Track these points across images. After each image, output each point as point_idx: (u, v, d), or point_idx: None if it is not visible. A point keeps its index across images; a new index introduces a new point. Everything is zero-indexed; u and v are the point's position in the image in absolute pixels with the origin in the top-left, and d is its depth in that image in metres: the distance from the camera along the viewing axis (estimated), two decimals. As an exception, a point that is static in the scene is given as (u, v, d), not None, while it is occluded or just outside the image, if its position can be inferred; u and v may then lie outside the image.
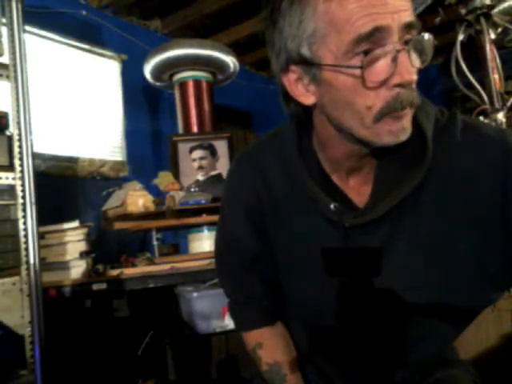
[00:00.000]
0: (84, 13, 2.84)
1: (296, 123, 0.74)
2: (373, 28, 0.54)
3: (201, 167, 2.55)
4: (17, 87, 1.50)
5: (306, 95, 0.64)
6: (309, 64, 0.60)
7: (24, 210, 1.48)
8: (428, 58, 0.58)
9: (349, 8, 0.55)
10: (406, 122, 0.61)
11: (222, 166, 2.56)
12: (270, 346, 0.85)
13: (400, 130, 0.60)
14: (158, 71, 2.72)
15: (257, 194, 0.77)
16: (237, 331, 0.90)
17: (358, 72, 0.56)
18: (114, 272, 1.85)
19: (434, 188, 0.64)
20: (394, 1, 0.55)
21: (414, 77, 0.57)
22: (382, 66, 0.56)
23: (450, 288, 0.67)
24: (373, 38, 0.55)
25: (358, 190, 0.70)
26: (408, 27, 0.56)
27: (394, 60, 0.56)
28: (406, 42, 0.56)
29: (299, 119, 0.73)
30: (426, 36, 0.58)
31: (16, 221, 1.48)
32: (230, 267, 0.87)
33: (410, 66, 0.56)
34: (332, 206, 0.67)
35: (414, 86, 0.59)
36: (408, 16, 0.56)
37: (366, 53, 0.56)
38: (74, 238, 1.84)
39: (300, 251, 0.75)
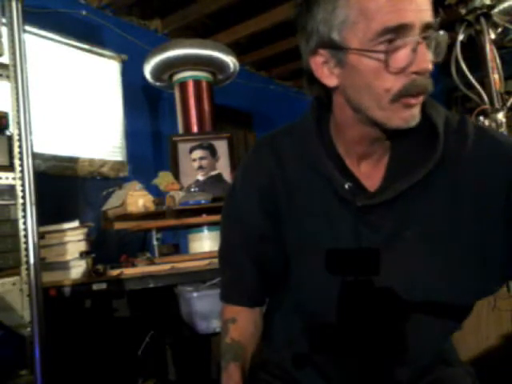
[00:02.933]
0: (84, 13, 2.84)
1: (316, 110, 0.79)
2: (398, 23, 0.62)
3: (201, 167, 2.55)
4: (17, 87, 1.50)
5: (330, 77, 0.71)
6: (337, 48, 0.67)
7: (24, 210, 1.48)
8: (442, 53, 0.67)
9: (379, 1, 0.62)
10: (416, 110, 0.68)
11: (222, 166, 2.56)
12: (242, 325, 0.85)
13: (410, 116, 0.67)
14: (158, 71, 2.72)
15: (270, 173, 0.80)
16: (220, 299, 0.91)
17: (382, 57, 0.64)
18: (114, 272, 1.85)
19: (445, 178, 0.70)
20: (418, 0, 0.63)
21: (430, 66, 0.65)
22: (403, 54, 0.64)
23: (453, 276, 0.71)
24: (397, 31, 0.63)
25: (369, 175, 0.75)
26: (428, 26, 0.64)
27: (414, 50, 0.64)
28: (425, 38, 0.64)
29: (319, 106, 0.79)
30: (442, 33, 0.66)
31: (16, 221, 1.48)
32: (232, 242, 0.87)
33: (427, 57, 0.64)
34: (346, 186, 0.72)
35: (428, 75, 0.66)
36: (429, 16, 0.65)
37: (389, 41, 0.64)
38: (73, 238, 1.84)
39: (312, 227, 0.77)
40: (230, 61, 2.77)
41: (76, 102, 2.78)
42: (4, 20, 1.53)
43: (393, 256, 0.72)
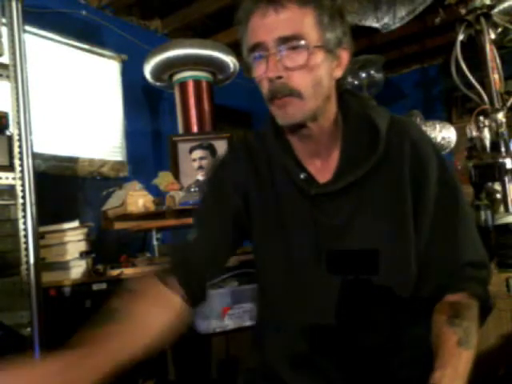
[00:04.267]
0: (84, 13, 2.84)
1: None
2: (253, 43, 0.77)
3: (201, 167, 2.55)
4: (17, 87, 1.50)
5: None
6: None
7: (24, 210, 1.48)
8: (298, 59, 0.75)
9: (248, 26, 0.79)
10: (286, 110, 0.78)
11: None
12: (148, 301, 0.76)
13: (282, 115, 0.79)
14: (158, 71, 2.72)
15: (245, 172, 0.89)
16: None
17: (252, 68, 0.79)
18: (114, 272, 1.85)
19: (389, 172, 0.81)
20: (272, 21, 0.75)
21: (276, 74, 0.75)
22: (257, 66, 0.78)
23: (406, 249, 0.80)
24: (255, 48, 0.77)
25: (320, 170, 0.85)
26: (284, 39, 0.74)
27: (266, 62, 0.76)
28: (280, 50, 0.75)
29: None
30: (284, 48, 0.75)
31: (16, 221, 1.48)
32: (204, 216, 0.92)
33: (273, 67, 0.75)
34: (302, 176, 0.83)
35: (282, 80, 0.76)
36: (282, 32, 0.74)
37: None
38: (73, 238, 1.84)
39: (275, 217, 0.86)
40: (230, 61, 2.77)
41: (76, 102, 2.77)
42: (4, 20, 1.53)
43: (350, 239, 0.80)
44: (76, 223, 1.87)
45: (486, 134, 2.00)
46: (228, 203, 0.88)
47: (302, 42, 0.75)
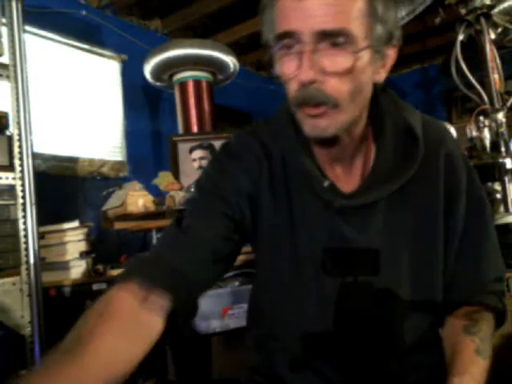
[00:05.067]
0: (84, 13, 2.84)
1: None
2: (283, 31, 0.62)
3: (201, 167, 2.55)
4: (17, 87, 1.50)
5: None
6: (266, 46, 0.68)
7: (24, 210, 1.48)
8: (341, 62, 0.61)
9: (280, 7, 0.63)
10: (318, 121, 0.65)
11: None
12: (117, 329, 0.58)
13: (312, 126, 0.66)
14: (158, 71, 2.72)
15: (259, 160, 0.76)
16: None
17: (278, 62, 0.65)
18: (114, 272, 1.85)
19: (422, 183, 0.73)
20: (312, 5, 0.59)
21: (311, 78, 0.61)
22: (286, 62, 0.64)
23: (428, 278, 0.75)
24: (283, 38, 0.62)
25: (342, 178, 0.74)
26: (324, 34, 0.60)
27: (299, 59, 0.62)
28: (318, 47, 0.61)
29: None
30: (324, 45, 0.61)
31: (16, 221, 1.48)
32: (198, 208, 0.76)
33: (310, 68, 0.61)
34: (326, 184, 0.70)
35: (317, 85, 0.62)
36: (323, 23, 0.59)
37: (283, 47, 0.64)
38: (74, 238, 1.84)
39: (287, 226, 0.74)
40: (230, 61, 2.77)
41: (76, 102, 2.77)
42: (4, 20, 1.53)
43: (377, 255, 0.73)
44: (76, 223, 1.87)
45: (486, 133, 2.00)
46: (234, 209, 0.74)
47: (349, 40, 0.60)
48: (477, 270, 0.77)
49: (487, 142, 1.99)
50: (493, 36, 2.08)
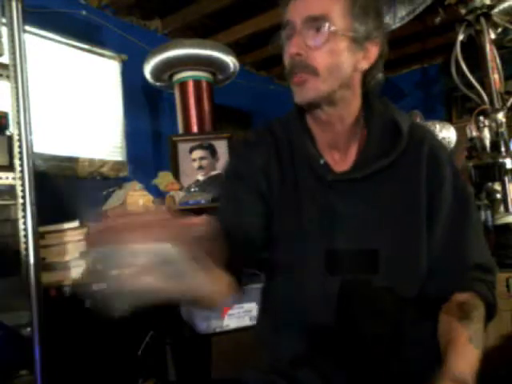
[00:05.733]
0: (84, 13, 2.84)
1: None
2: (285, 20, 0.82)
3: (201, 167, 2.55)
4: (17, 87, 1.50)
5: None
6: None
7: (24, 210, 1.48)
8: (321, 37, 0.79)
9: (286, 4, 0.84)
10: (304, 88, 0.80)
11: (222, 166, 2.55)
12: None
13: (299, 92, 0.82)
14: (158, 71, 2.72)
15: (268, 154, 0.89)
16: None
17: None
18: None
19: (405, 166, 0.84)
20: (303, 1, 0.80)
21: (297, 50, 0.79)
22: (287, 44, 0.82)
23: (412, 251, 0.82)
24: (286, 25, 0.82)
25: (339, 161, 0.87)
26: (310, 18, 0.78)
27: (289, 38, 0.81)
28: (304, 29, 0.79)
29: None
30: (309, 28, 0.79)
31: (16, 221, 1.48)
32: (232, 197, 0.88)
33: (296, 44, 0.79)
34: (321, 161, 0.85)
35: (301, 57, 0.79)
36: (310, 10, 0.78)
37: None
38: (74, 238, 1.84)
39: (294, 203, 0.86)
40: (230, 61, 2.77)
41: (76, 102, 2.77)
42: (4, 20, 1.53)
43: (361, 226, 0.81)
44: (76, 223, 1.87)
45: (486, 133, 2.00)
46: (256, 182, 0.87)
47: (327, 24, 0.77)
48: (460, 254, 0.83)
49: (487, 142, 1.99)
50: (493, 36, 2.08)
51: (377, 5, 0.83)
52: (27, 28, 1.81)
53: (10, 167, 1.49)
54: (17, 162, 1.50)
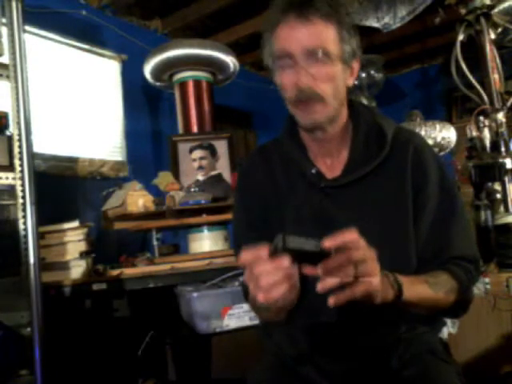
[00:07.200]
0: (84, 13, 2.84)
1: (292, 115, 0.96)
2: (281, 51, 0.86)
3: (201, 167, 2.55)
4: (17, 87, 1.50)
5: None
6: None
7: (24, 210, 1.48)
8: (321, 69, 0.85)
9: (277, 34, 0.87)
10: (314, 112, 0.87)
11: (222, 166, 2.55)
12: None
13: (308, 116, 0.87)
14: (158, 71, 2.71)
15: (261, 175, 0.98)
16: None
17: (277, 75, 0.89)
18: (114, 272, 1.85)
19: (392, 168, 0.90)
20: (300, 34, 0.83)
21: (307, 84, 0.84)
22: (284, 75, 0.87)
23: (397, 246, 0.87)
24: (282, 57, 0.86)
25: (330, 168, 0.94)
26: (310, 52, 0.83)
27: (296, 72, 0.85)
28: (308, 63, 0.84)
29: None
30: (311, 60, 0.84)
31: (16, 221, 1.48)
32: (241, 230, 1.00)
33: (305, 77, 0.84)
34: (313, 171, 0.92)
35: (309, 87, 0.84)
36: (309, 42, 0.83)
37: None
38: (74, 238, 1.84)
39: (289, 209, 0.93)
40: (230, 61, 2.77)
41: (76, 102, 2.77)
42: (4, 20, 1.53)
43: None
44: (76, 223, 1.87)
45: (486, 133, 2.00)
46: (255, 208, 0.96)
47: (326, 54, 0.83)
48: (444, 247, 0.87)
49: (487, 142, 1.99)
50: (493, 36, 2.08)
51: (352, 21, 0.89)
52: (27, 28, 1.81)
53: (10, 167, 1.49)
54: (17, 162, 1.50)
